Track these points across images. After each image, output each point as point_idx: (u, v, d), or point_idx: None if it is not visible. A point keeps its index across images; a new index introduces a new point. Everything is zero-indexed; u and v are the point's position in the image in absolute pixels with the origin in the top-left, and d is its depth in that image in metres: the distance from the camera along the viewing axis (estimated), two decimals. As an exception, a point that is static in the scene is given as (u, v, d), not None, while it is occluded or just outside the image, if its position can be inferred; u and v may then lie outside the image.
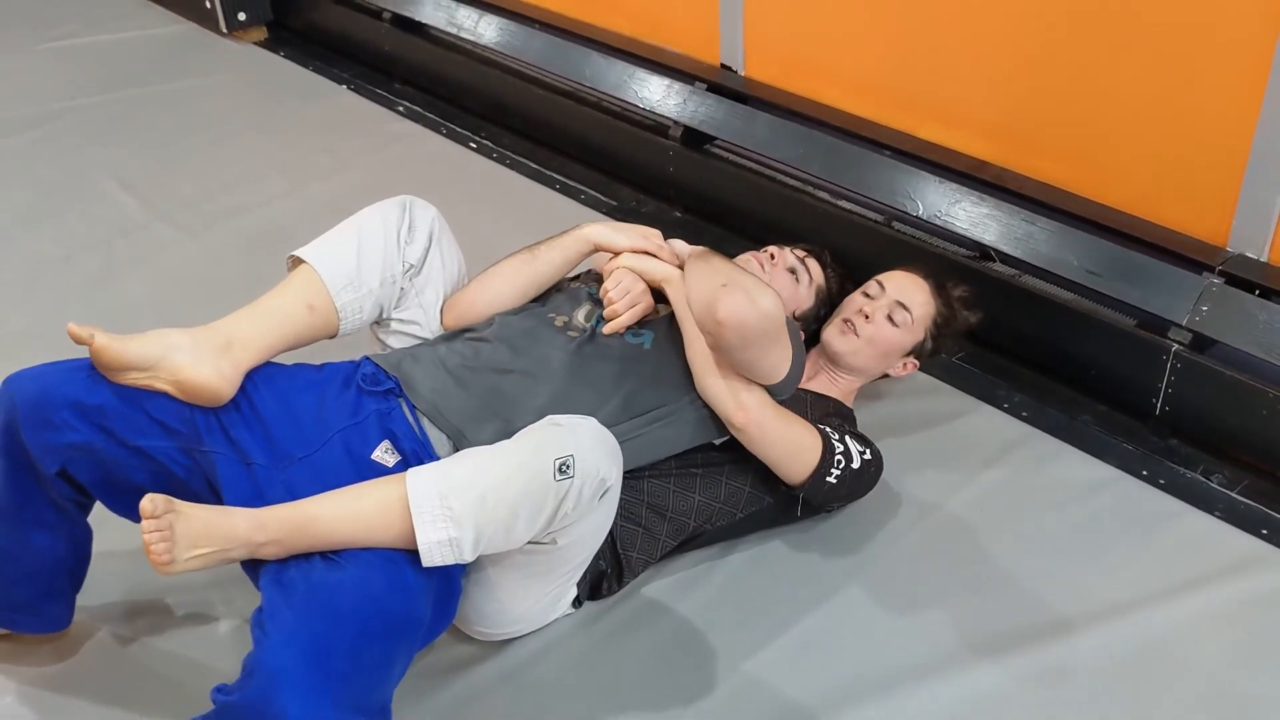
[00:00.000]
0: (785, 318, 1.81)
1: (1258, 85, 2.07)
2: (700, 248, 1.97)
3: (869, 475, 1.99)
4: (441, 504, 1.57)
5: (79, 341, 1.65)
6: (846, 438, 1.97)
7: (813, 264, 2.19)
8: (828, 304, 2.20)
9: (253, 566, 1.64)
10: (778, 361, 1.82)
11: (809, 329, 2.19)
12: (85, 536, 1.83)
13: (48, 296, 2.78)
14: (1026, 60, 2.41)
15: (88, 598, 1.89)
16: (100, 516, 1.83)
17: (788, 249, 2.19)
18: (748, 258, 2.14)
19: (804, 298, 2.16)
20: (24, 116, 3.64)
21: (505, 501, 1.58)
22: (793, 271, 2.15)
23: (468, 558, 1.60)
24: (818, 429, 1.94)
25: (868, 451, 1.98)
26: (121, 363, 1.67)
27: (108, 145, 3.47)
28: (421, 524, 1.56)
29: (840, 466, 1.93)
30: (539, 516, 1.61)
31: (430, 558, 1.58)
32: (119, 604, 1.96)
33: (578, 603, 1.91)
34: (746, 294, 1.72)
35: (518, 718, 1.78)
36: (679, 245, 2.03)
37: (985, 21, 2.45)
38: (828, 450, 1.91)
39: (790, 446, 1.90)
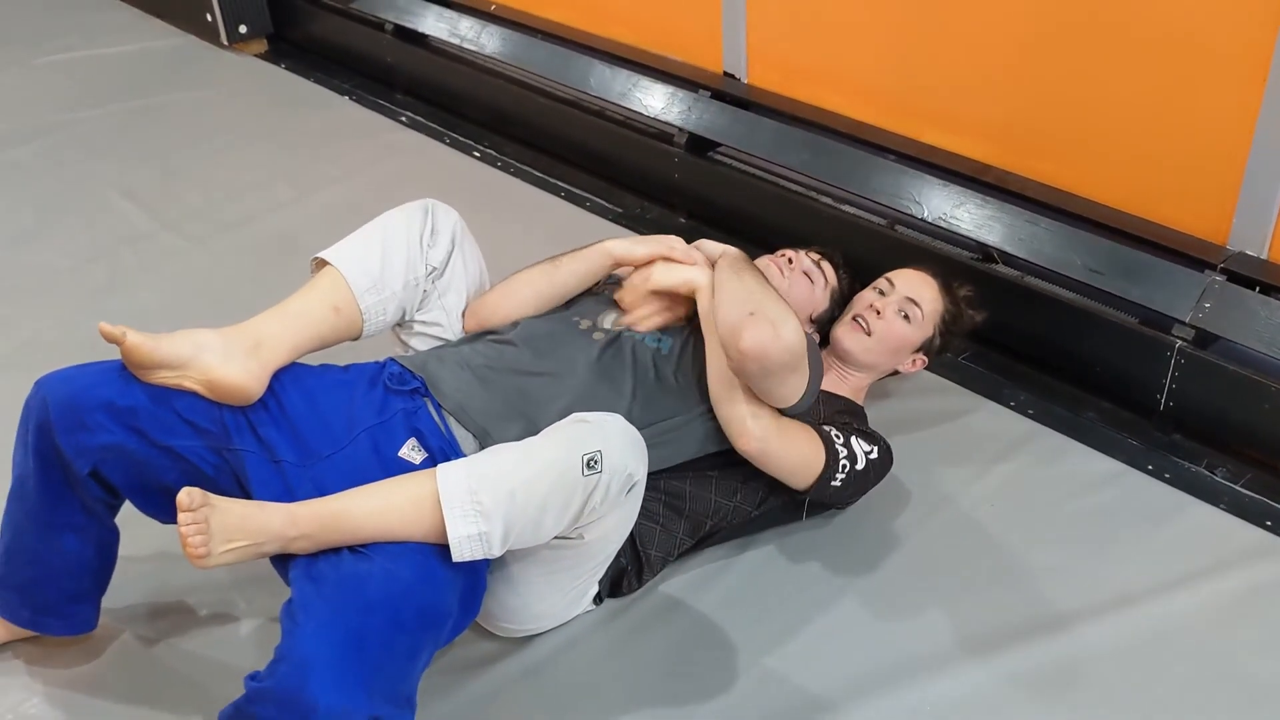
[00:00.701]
0: (808, 345, 1.83)
1: (1256, 85, 2.11)
2: (733, 252, 1.97)
3: (875, 472, 2.03)
4: (471, 499, 1.59)
5: (110, 340, 1.67)
6: (853, 439, 2.00)
7: (827, 267, 2.23)
8: (840, 305, 2.23)
9: (282, 561, 1.66)
10: (794, 389, 1.84)
11: (823, 330, 2.22)
12: (113, 538, 1.85)
13: (57, 306, 2.79)
14: (1027, 65, 2.45)
15: (112, 600, 1.91)
16: (123, 519, 1.85)
17: (802, 252, 2.22)
18: (766, 262, 2.17)
19: (820, 300, 2.20)
20: (25, 129, 3.66)
21: (535, 496, 1.61)
22: (809, 275, 2.19)
23: (496, 552, 1.63)
24: (822, 435, 1.96)
25: (874, 451, 2.01)
26: (153, 361, 1.69)
27: (110, 157, 3.49)
28: (452, 518, 1.59)
29: (845, 471, 1.96)
30: (567, 511, 1.63)
31: (460, 552, 1.60)
32: (143, 605, 1.98)
33: (598, 599, 1.94)
34: (772, 326, 1.74)
35: (541, 713, 1.80)
36: (709, 246, 2.04)
37: (986, 27, 2.49)
38: (832, 458, 1.94)
39: (795, 463, 1.93)
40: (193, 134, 3.63)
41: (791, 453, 1.92)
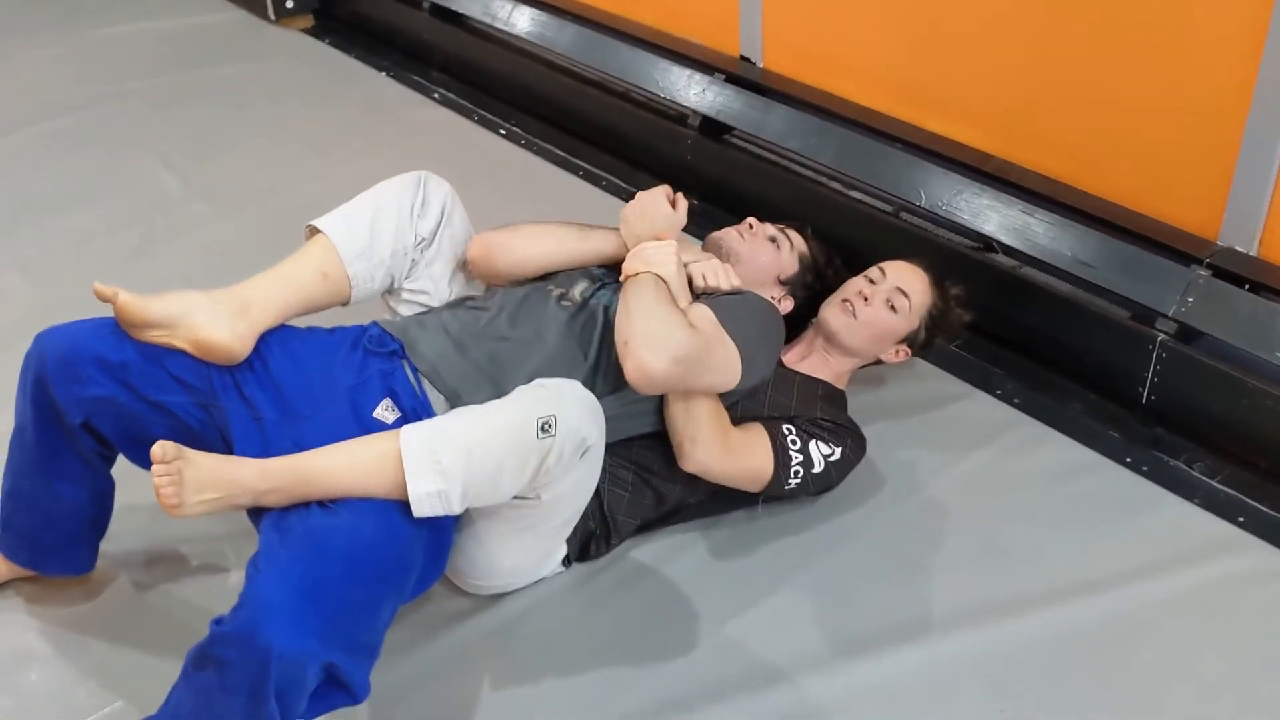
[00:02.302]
0: (728, 329, 1.87)
1: (1247, 81, 2.11)
2: (628, 272, 1.93)
3: (838, 471, 2.07)
4: (431, 458, 1.66)
5: (103, 299, 1.76)
6: (812, 444, 2.02)
7: (793, 233, 2.26)
8: (812, 269, 2.25)
9: (257, 514, 1.74)
10: (721, 378, 1.88)
11: (797, 295, 2.24)
12: (108, 486, 1.94)
13: (88, 268, 2.89)
14: (1028, 55, 2.47)
15: (111, 545, 2.01)
16: (127, 473, 1.93)
17: (766, 223, 2.25)
18: (727, 230, 2.22)
19: (788, 263, 2.22)
20: (75, 99, 3.79)
21: (491, 457, 1.67)
22: (773, 240, 2.22)
23: (456, 509, 1.70)
24: (775, 441, 1.99)
25: (835, 453, 2.04)
26: (143, 320, 1.78)
27: (154, 127, 3.61)
28: (413, 476, 1.66)
29: (798, 476, 2.01)
30: (523, 472, 1.70)
31: (420, 508, 1.67)
32: (139, 552, 2.07)
33: (567, 562, 2.00)
34: (649, 348, 1.77)
35: (507, 668, 1.87)
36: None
37: (990, 17, 2.51)
38: (781, 468, 1.99)
39: (741, 479, 2.00)
40: (234, 106, 3.75)
41: (736, 473, 1.98)
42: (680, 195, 2.11)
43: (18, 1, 4.58)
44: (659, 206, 2.07)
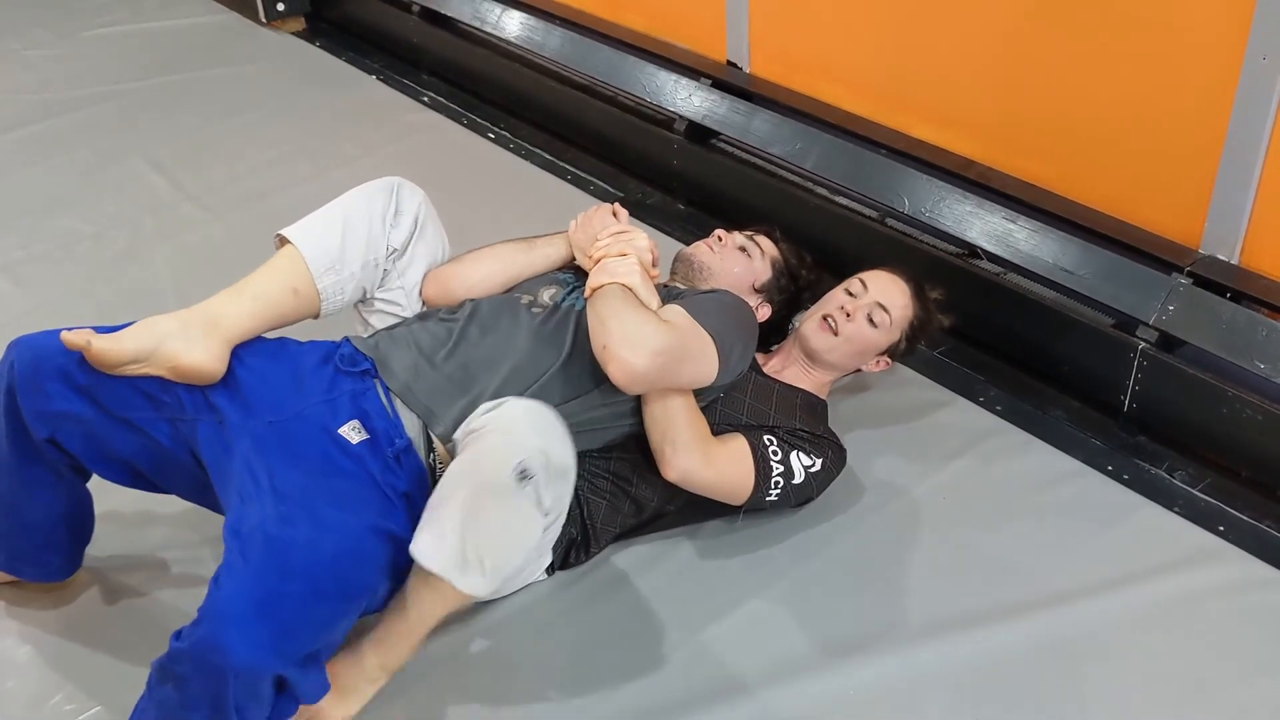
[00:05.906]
0: (702, 324, 1.87)
1: (1228, 88, 2.11)
2: (592, 281, 1.91)
3: (819, 483, 2.06)
4: (462, 568, 1.64)
5: (74, 348, 1.73)
6: (793, 455, 2.01)
7: (762, 239, 2.25)
8: (786, 273, 2.25)
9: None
10: (699, 373, 1.88)
11: (774, 300, 2.24)
12: (84, 496, 1.93)
13: (77, 271, 2.91)
14: (1011, 62, 2.47)
15: (91, 549, 2.00)
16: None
17: (735, 231, 2.25)
18: (697, 245, 2.22)
19: (760, 270, 2.22)
20: (68, 100, 3.80)
21: (504, 542, 1.67)
22: (743, 249, 2.22)
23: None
24: (755, 452, 1.98)
25: (816, 464, 2.04)
26: (119, 360, 1.74)
27: (145, 129, 3.61)
28: (460, 584, 1.65)
29: (778, 488, 2.01)
30: (533, 520, 1.68)
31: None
32: (119, 558, 2.06)
33: (550, 570, 2.00)
34: (628, 347, 1.77)
35: (484, 676, 1.87)
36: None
37: (974, 25, 2.51)
38: (762, 479, 1.98)
39: (722, 490, 1.99)
40: (225, 108, 3.75)
41: (717, 480, 1.97)
42: (619, 206, 2.15)
43: (8, 2, 4.59)
44: (603, 218, 2.09)
